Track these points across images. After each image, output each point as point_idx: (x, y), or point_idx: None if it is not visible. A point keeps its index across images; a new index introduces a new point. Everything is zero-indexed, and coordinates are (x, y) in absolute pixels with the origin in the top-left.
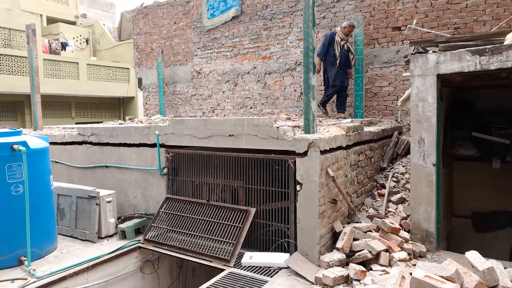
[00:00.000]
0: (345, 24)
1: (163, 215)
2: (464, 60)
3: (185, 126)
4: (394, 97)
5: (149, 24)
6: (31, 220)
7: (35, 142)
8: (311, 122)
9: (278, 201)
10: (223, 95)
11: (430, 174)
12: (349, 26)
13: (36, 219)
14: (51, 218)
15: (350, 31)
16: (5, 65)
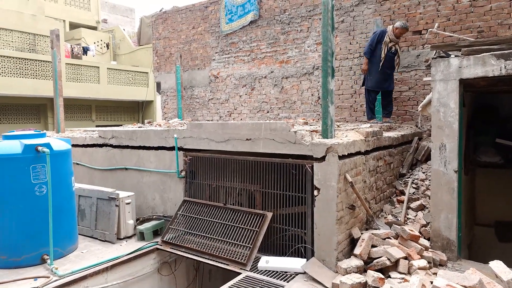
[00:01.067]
0: (397, 25)
1: (180, 217)
2: (489, 65)
3: (203, 130)
4: (414, 102)
5: (168, 29)
6: (54, 220)
7: (58, 144)
8: (329, 127)
9: (295, 205)
10: (240, 99)
11: (452, 181)
12: (402, 28)
13: (58, 219)
14: (72, 218)
15: (402, 33)
16: (29, 69)
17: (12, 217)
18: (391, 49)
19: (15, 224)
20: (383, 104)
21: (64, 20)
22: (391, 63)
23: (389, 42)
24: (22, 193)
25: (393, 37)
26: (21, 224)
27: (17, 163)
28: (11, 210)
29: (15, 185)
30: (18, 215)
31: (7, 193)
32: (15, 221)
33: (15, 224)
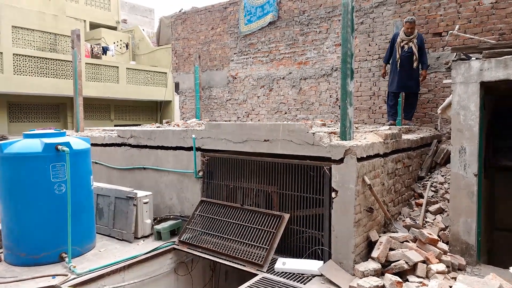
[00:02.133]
0: (404, 21)
1: (197, 217)
2: (511, 68)
3: (221, 130)
4: (434, 105)
5: (187, 29)
6: (72, 219)
7: (77, 143)
8: (347, 129)
9: (313, 207)
10: (258, 100)
11: (471, 185)
12: (407, 22)
13: (77, 218)
14: (91, 217)
15: (408, 27)
16: (50, 68)
17: (32, 215)
18: (403, 48)
19: (34, 222)
20: (404, 106)
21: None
22: (408, 62)
23: (401, 42)
24: (41, 191)
25: (403, 35)
26: (40, 222)
27: (37, 161)
28: (30, 208)
29: (35, 183)
30: (37, 213)
31: (26, 191)
32: (34, 219)
33: (34, 222)
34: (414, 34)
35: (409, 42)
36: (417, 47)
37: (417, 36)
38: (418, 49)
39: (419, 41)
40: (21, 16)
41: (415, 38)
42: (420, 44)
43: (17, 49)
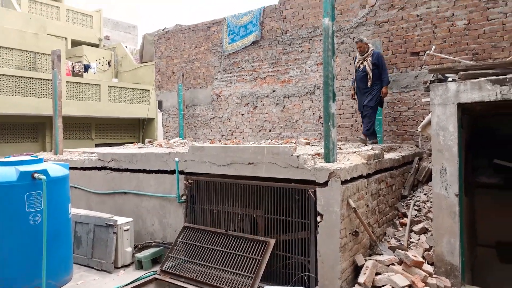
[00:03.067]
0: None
1: (180, 244)
2: (485, 90)
3: (205, 153)
4: (414, 122)
5: (170, 48)
6: (48, 251)
7: (55, 170)
8: (331, 150)
9: (298, 231)
10: (242, 118)
11: (453, 205)
12: (355, 42)
13: (53, 249)
14: (68, 248)
15: (358, 47)
16: (29, 87)
17: (3, 248)
18: (359, 68)
19: (6, 255)
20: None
21: (66, 37)
22: (364, 82)
23: (357, 63)
24: (15, 222)
25: (359, 55)
26: (13, 255)
27: (12, 191)
28: (2, 240)
29: (8, 214)
30: (10, 246)
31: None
32: (6, 252)
33: (6, 255)
34: (368, 53)
35: (363, 61)
36: (373, 64)
37: (372, 54)
38: (375, 66)
39: (374, 59)
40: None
41: (369, 56)
42: (377, 62)
43: None
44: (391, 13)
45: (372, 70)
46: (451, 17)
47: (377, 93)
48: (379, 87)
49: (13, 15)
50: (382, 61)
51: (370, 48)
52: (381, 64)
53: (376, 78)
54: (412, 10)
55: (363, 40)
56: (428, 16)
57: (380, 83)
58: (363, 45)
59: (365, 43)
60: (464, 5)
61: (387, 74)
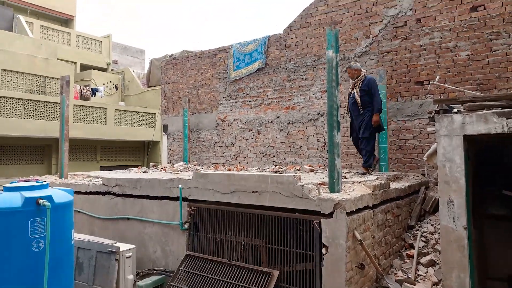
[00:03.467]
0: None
1: (182, 273)
2: (491, 122)
3: (208, 181)
4: (419, 150)
5: (177, 74)
6: (49, 278)
7: (60, 196)
8: (336, 180)
9: (303, 262)
10: (246, 143)
11: (461, 238)
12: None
13: (54, 276)
14: (69, 275)
15: (349, 73)
16: (38, 110)
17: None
18: (350, 95)
19: (6, 282)
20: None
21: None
22: (354, 109)
23: (349, 89)
24: (18, 248)
25: (351, 81)
26: (14, 282)
27: (16, 217)
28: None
29: (11, 240)
30: (11, 273)
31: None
32: (8, 279)
33: (7, 283)
34: (358, 79)
35: (353, 87)
36: (361, 90)
37: (363, 80)
38: (364, 92)
39: (364, 85)
40: (12, 59)
41: (358, 82)
42: (366, 88)
43: (5, 91)
44: (395, 43)
45: (361, 96)
46: (454, 48)
47: (370, 121)
48: (371, 114)
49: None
50: (372, 87)
51: (361, 74)
52: (371, 90)
53: (366, 104)
54: (415, 41)
55: (352, 66)
56: (431, 47)
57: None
58: (351, 71)
59: (354, 69)
60: (467, 36)
61: (378, 101)
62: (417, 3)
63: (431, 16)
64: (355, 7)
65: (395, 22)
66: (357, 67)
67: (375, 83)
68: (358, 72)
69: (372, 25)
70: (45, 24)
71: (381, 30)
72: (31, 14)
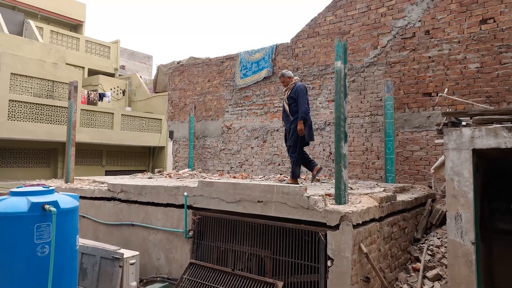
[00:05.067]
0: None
1: (186, 281)
2: (501, 137)
3: (214, 189)
4: (426, 162)
5: (184, 81)
6: (53, 283)
7: (65, 201)
8: (342, 192)
9: (307, 274)
10: (252, 151)
11: (469, 253)
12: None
13: (58, 282)
14: (73, 280)
15: (281, 81)
16: (45, 114)
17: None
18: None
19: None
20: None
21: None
22: (284, 116)
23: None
24: (22, 253)
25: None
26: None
27: (22, 221)
28: (7, 272)
29: (17, 245)
30: (16, 277)
31: (6, 252)
32: (11, 284)
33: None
34: (288, 87)
35: (284, 95)
36: (289, 98)
37: (292, 88)
38: (292, 100)
39: (293, 93)
40: (21, 64)
41: (287, 91)
42: (295, 95)
43: (14, 95)
44: (403, 54)
45: (289, 105)
46: (463, 60)
47: (295, 129)
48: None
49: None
50: (299, 94)
51: (292, 82)
52: (297, 98)
53: (293, 113)
54: (423, 52)
55: (285, 74)
56: (440, 58)
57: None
58: (284, 79)
59: (287, 77)
60: (476, 48)
61: (302, 109)
62: (426, 15)
63: (440, 28)
64: (363, 18)
65: (404, 33)
66: (289, 75)
67: (302, 91)
68: (290, 79)
69: (380, 36)
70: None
71: (389, 41)
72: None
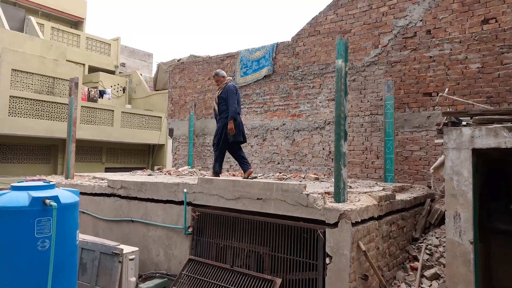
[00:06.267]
0: None
1: (184, 277)
2: (501, 136)
3: (213, 186)
4: (426, 162)
5: (184, 78)
6: (53, 277)
7: (66, 196)
8: (341, 190)
9: (306, 271)
10: (251, 149)
11: (467, 253)
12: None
13: (58, 276)
14: (73, 275)
15: (215, 81)
16: (46, 111)
17: (10, 273)
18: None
19: (12, 280)
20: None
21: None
22: (215, 116)
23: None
24: (23, 247)
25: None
26: (18, 281)
27: (23, 216)
28: (8, 266)
29: (18, 239)
30: (16, 271)
31: (6, 246)
32: (12, 278)
33: (12, 281)
34: (220, 86)
35: (216, 95)
36: (219, 98)
37: (224, 88)
38: (222, 100)
39: (223, 93)
40: (22, 60)
41: (219, 90)
42: (225, 95)
43: (15, 91)
44: (404, 54)
45: (219, 104)
46: (464, 60)
47: (219, 129)
48: (224, 121)
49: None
50: (229, 94)
51: (224, 82)
52: (227, 98)
53: (222, 112)
54: (424, 52)
55: (218, 74)
56: (441, 58)
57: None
58: (218, 78)
59: (221, 76)
60: (478, 49)
61: (231, 108)
62: (428, 14)
63: (441, 27)
64: (364, 17)
65: (405, 32)
66: (222, 74)
67: (232, 91)
68: (223, 79)
69: (381, 35)
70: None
71: (391, 40)
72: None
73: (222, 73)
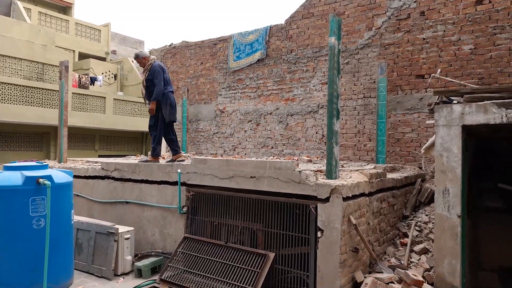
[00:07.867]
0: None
1: (180, 255)
2: (490, 112)
3: (207, 166)
4: (417, 144)
5: (176, 63)
6: (50, 255)
7: (59, 176)
8: (333, 167)
9: (298, 246)
10: (245, 134)
11: (455, 226)
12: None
13: (54, 254)
14: (69, 253)
15: (138, 63)
16: (36, 97)
17: (7, 250)
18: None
19: (9, 257)
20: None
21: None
22: (145, 99)
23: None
24: (19, 226)
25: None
26: (15, 258)
27: (17, 195)
28: (5, 244)
29: (13, 218)
30: (13, 249)
31: (2, 225)
32: (9, 255)
33: (9, 258)
34: (145, 68)
35: (143, 77)
36: (147, 80)
37: (150, 69)
38: (150, 82)
39: (150, 74)
40: (10, 45)
41: (146, 72)
42: (151, 77)
43: (3, 77)
44: (397, 36)
45: (146, 87)
46: (457, 42)
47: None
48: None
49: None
50: (155, 75)
51: (148, 63)
52: (153, 79)
53: (150, 94)
54: (418, 34)
55: (139, 55)
56: (434, 40)
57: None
58: (140, 60)
59: (142, 57)
60: (471, 30)
61: (157, 89)
62: None
63: (435, 8)
64: None
65: (399, 14)
66: (144, 55)
67: (158, 71)
68: (146, 60)
69: (375, 17)
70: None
71: (384, 22)
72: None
73: (143, 53)
